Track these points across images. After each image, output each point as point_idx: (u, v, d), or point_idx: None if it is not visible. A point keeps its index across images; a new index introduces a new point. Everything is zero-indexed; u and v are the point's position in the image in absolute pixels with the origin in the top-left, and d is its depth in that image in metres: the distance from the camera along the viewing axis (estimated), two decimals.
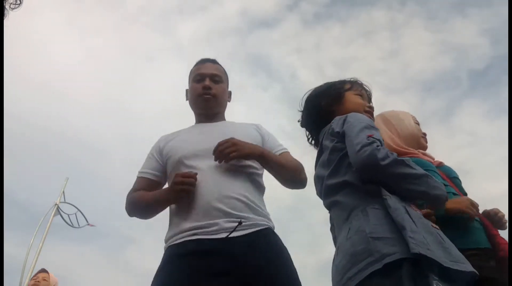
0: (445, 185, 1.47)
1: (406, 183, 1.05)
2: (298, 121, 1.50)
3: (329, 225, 1.35)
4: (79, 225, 10.09)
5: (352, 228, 1.04)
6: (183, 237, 1.30)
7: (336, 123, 1.25)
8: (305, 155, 1.52)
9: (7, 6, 0.73)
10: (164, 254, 1.34)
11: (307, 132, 1.48)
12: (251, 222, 1.32)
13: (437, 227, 1.05)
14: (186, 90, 1.73)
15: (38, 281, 3.10)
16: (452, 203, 1.40)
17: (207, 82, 1.61)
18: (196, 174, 1.36)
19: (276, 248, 1.33)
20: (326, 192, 1.21)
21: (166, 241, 1.37)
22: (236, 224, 1.29)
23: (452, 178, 1.60)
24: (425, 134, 1.75)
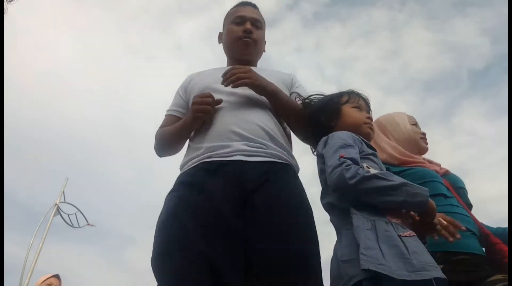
0: (448, 196, 1.48)
1: (382, 196, 1.07)
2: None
3: (329, 224, 1.37)
4: (79, 225, 10.11)
5: (333, 252, 1.12)
6: (197, 161, 1.24)
7: (320, 145, 1.28)
8: (306, 154, 1.52)
9: (4, 1, 0.68)
10: (177, 179, 1.27)
11: (311, 147, 1.49)
12: (270, 151, 1.24)
13: (411, 234, 1.05)
14: (220, 33, 1.66)
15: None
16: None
17: (249, 25, 1.52)
18: (220, 100, 1.30)
19: (292, 186, 1.22)
20: (326, 212, 1.26)
21: (181, 168, 1.31)
22: (252, 148, 1.22)
23: (457, 188, 1.56)
24: (424, 134, 1.71)
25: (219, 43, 1.66)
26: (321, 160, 1.26)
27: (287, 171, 1.26)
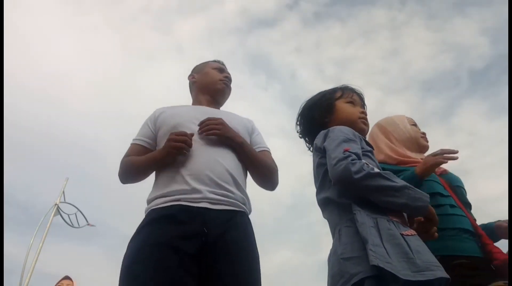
0: (445, 195, 1.48)
1: (384, 195, 1.06)
2: (297, 131, 1.52)
3: (327, 225, 1.36)
4: (79, 225, 10.11)
5: (331, 249, 1.11)
6: (166, 202, 1.31)
7: (319, 138, 1.27)
8: (307, 153, 1.52)
9: None
10: (145, 217, 1.34)
11: (307, 143, 1.50)
12: (232, 200, 1.35)
13: (412, 233, 1.05)
14: (195, 69, 1.81)
15: None
16: (419, 169, 1.42)
17: (228, 72, 1.75)
18: (192, 134, 1.39)
19: (247, 236, 1.34)
20: (319, 207, 1.26)
21: (148, 202, 1.37)
22: (218, 197, 1.32)
23: (454, 187, 1.57)
24: (424, 134, 1.74)
25: (190, 79, 1.79)
26: (319, 154, 1.25)
27: (243, 219, 1.36)
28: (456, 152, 1.40)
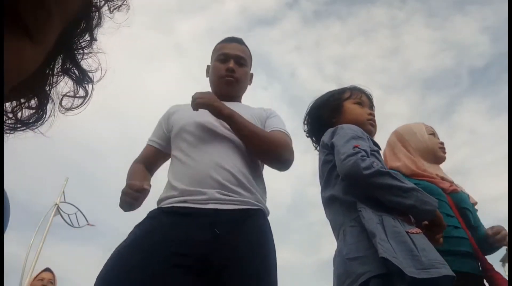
0: (450, 215, 1.45)
1: (391, 195, 1.05)
2: (304, 131, 1.52)
3: (328, 224, 1.36)
4: (79, 225, 10.10)
5: (336, 250, 1.11)
6: (172, 203, 1.27)
7: (326, 135, 1.27)
8: (307, 153, 1.51)
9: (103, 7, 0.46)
10: (150, 212, 1.30)
11: (313, 143, 1.50)
12: (242, 199, 1.27)
13: (417, 231, 1.04)
14: (208, 66, 1.68)
15: (44, 285, 3.02)
16: None
17: (231, 64, 1.54)
18: (144, 189, 1.25)
19: (260, 233, 1.24)
20: (323, 205, 1.26)
21: (157, 204, 1.34)
22: (226, 197, 1.25)
23: (460, 208, 1.54)
24: (442, 144, 1.72)
25: (207, 76, 1.67)
26: (326, 151, 1.25)
27: (257, 216, 1.27)
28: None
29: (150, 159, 1.51)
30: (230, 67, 1.54)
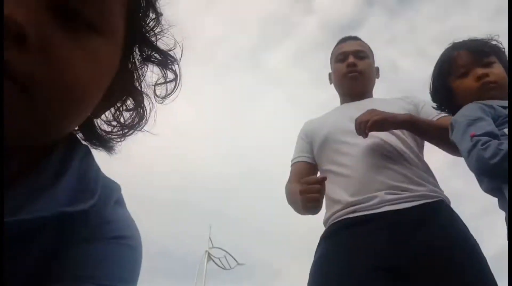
0: None
1: None
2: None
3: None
4: (230, 267, 10.74)
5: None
6: (341, 216, 1.20)
7: (449, 132, 1.15)
8: None
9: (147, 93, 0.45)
10: (321, 240, 1.23)
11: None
12: (417, 194, 1.16)
13: None
14: (329, 74, 1.65)
15: None
16: None
17: (351, 59, 1.50)
18: (325, 178, 1.18)
19: (453, 225, 1.12)
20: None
21: (324, 224, 1.28)
22: (399, 195, 1.15)
23: None
24: None
25: (330, 83, 1.64)
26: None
27: (441, 209, 1.16)
28: None
29: (303, 174, 1.40)
30: (351, 62, 1.49)
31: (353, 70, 1.49)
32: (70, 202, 0.36)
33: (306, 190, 1.15)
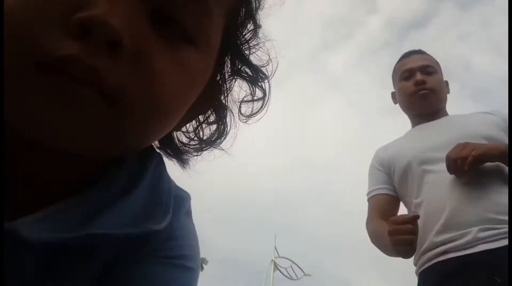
0: None
1: None
2: None
3: None
4: (297, 277, 10.40)
5: None
6: (430, 259, 1.11)
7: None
8: None
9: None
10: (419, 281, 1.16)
11: None
12: None
13: None
14: (393, 93, 1.54)
15: None
16: None
17: (419, 76, 1.38)
18: (417, 216, 1.06)
19: None
20: None
21: (415, 265, 1.20)
22: (495, 231, 1.02)
23: None
24: None
25: (395, 103, 1.53)
26: None
27: None
28: None
29: (385, 209, 1.31)
30: (419, 80, 1.37)
31: (422, 88, 1.37)
32: (140, 219, 0.32)
33: (397, 231, 1.04)
